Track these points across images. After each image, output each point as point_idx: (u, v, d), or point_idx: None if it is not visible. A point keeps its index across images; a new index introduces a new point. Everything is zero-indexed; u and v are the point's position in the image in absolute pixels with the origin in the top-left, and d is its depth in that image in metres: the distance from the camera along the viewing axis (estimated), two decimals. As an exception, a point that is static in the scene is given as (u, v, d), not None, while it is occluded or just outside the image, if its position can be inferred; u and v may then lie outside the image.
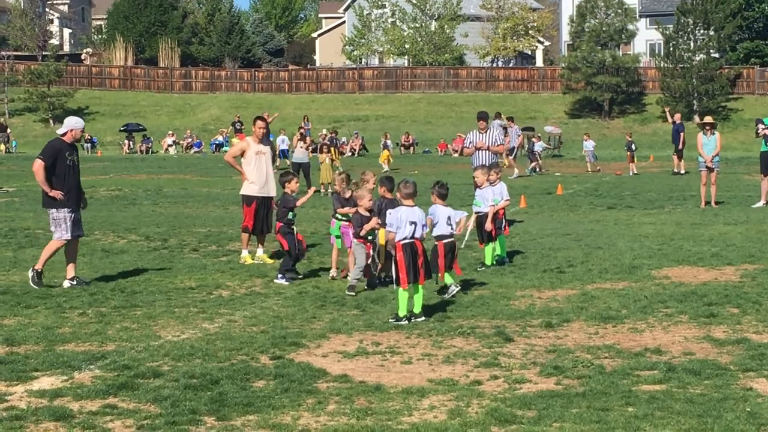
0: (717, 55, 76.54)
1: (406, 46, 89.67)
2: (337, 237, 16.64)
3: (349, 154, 64.84)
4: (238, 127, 65.68)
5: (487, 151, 22.59)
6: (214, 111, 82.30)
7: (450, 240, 14.46)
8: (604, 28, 77.28)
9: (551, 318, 12.88)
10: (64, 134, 16.27)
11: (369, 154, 65.27)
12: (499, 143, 23.03)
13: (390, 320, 12.83)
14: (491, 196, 17.85)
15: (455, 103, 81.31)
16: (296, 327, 12.59)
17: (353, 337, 12.08)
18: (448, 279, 14.62)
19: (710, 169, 28.36)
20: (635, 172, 44.64)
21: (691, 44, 75.89)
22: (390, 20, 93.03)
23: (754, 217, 25.21)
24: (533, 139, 50.36)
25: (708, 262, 17.52)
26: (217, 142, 71.94)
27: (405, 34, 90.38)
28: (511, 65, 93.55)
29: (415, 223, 13.17)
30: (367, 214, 15.38)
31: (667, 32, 77.36)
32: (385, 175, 16.95)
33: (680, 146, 43.73)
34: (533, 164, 47.00)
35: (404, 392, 9.56)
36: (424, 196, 16.03)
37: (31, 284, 15.66)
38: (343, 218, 16.40)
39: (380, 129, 71.66)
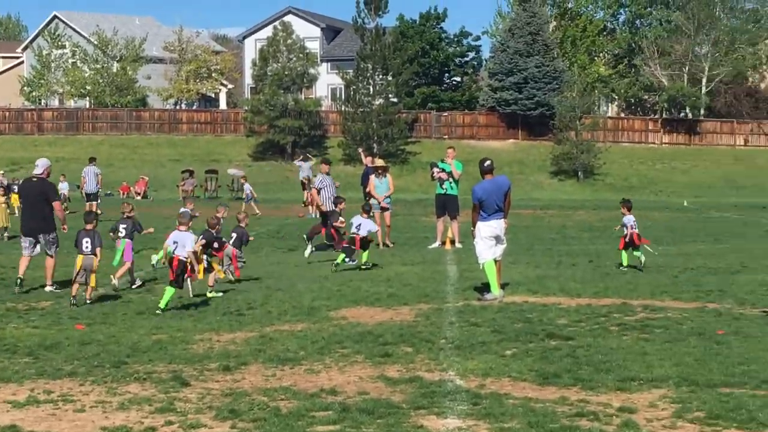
0: (395, 100, 78.67)
1: (88, 87, 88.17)
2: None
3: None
4: None
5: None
6: None
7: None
8: (286, 72, 78.20)
9: (229, 361, 12.83)
10: (43, 173, 20.36)
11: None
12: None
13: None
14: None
15: (138, 145, 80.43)
16: (-37, 378, 12.06)
17: (24, 385, 11.67)
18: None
19: (384, 210, 29.34)
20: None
21: (371, 89, 77.76)
22: (71, 61, 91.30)
23: (430, 258, 25.95)
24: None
25: (385, 302, 17.89)
26: None
27: (86, 75, 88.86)
28: (194, 108, 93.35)
29: None
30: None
31: (348, 77, 79.03)
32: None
33: (367, 189, 44.23)
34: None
35: (75, 442, 9.30)
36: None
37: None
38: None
39: (60, 171, 69.91)
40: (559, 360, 12.72)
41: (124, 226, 20.98)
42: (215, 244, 19.79)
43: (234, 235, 21.34)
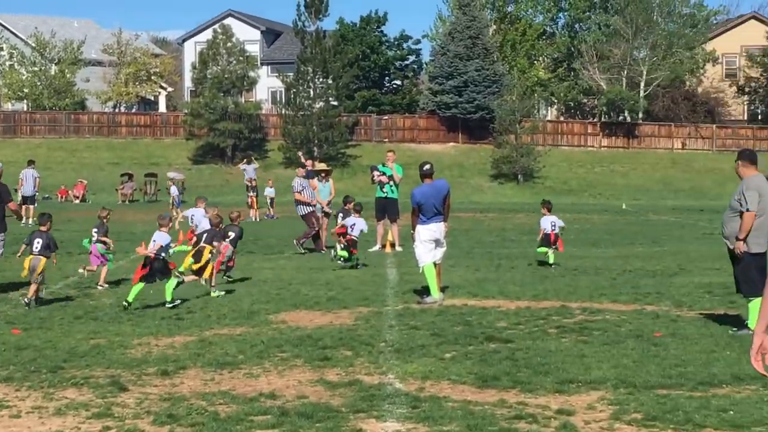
0: (336, 103, 78.72)
1: (25, 90, 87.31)
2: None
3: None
4: None
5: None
6: None
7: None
8: (226, 75, 78.00)
9: (167, 365, 12.74)
10: None
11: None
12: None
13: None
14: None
15: (76, 148, 79.81)
16: None
17: (-41, 392, 11.54)
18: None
19: (327, 214, 29.29)
20: (258, 218, 45.15)
21: (311, 92, 77.73)
22: (8, 63, 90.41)
23: (371, 261, 25.97)
24: None
25: (324, 306, 17.88)
26: None
27: (24, 77, 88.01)
28: (133, 111, 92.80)
29: None
30: None
31: (288, 80, 78.91)
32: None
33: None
34: None
35: (10, 449, 9.21)
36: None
37: None
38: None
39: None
40: (498, 363, 12.76)
41: (96, 230, 21.05)
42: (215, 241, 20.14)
43: (232, 234, 21.26)
